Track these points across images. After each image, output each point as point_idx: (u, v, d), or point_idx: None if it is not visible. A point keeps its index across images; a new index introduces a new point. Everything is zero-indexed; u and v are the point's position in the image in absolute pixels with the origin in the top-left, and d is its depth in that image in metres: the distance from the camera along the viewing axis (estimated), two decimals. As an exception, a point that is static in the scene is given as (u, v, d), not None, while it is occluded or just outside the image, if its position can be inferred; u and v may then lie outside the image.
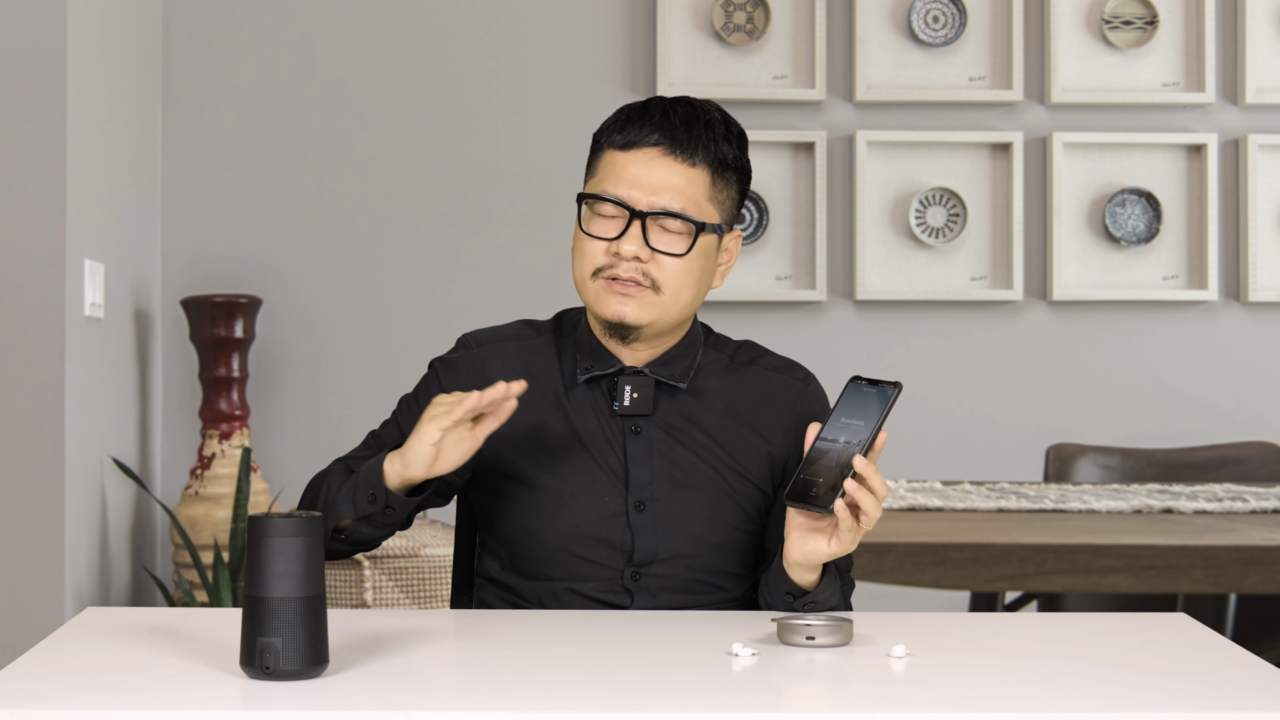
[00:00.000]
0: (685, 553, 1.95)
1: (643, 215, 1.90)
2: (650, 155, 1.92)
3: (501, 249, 4.27)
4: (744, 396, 2.01)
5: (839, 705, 1.50)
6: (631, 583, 1.94)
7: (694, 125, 1.93)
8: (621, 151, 1.93)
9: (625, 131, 1.93)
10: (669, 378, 1.97)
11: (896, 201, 4.31)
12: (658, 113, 1.93)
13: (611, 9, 4.30)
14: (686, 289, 1.93)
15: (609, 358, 1.98)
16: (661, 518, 1.94)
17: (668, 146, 1.91)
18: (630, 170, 1.92)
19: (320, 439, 4.22)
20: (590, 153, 1.99)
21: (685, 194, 1.91)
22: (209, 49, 4.23)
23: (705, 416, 1.98)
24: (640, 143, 1.92)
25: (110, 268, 3.70)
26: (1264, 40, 4.34)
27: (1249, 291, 4.30)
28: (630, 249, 1.89)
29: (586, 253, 1.93)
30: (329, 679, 1.49)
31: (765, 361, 2.04)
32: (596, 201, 1.93)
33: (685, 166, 1.92)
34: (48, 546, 3.36)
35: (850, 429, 1.76)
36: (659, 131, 1.92)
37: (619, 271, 1.91)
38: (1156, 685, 1.52)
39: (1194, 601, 3.49)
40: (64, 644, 1.65)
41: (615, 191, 1.91)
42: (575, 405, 1.97)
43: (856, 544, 1.81)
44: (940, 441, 4.28)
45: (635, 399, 1.96)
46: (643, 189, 1.91)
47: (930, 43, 4.30)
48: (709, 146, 1.93)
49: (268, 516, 1.49)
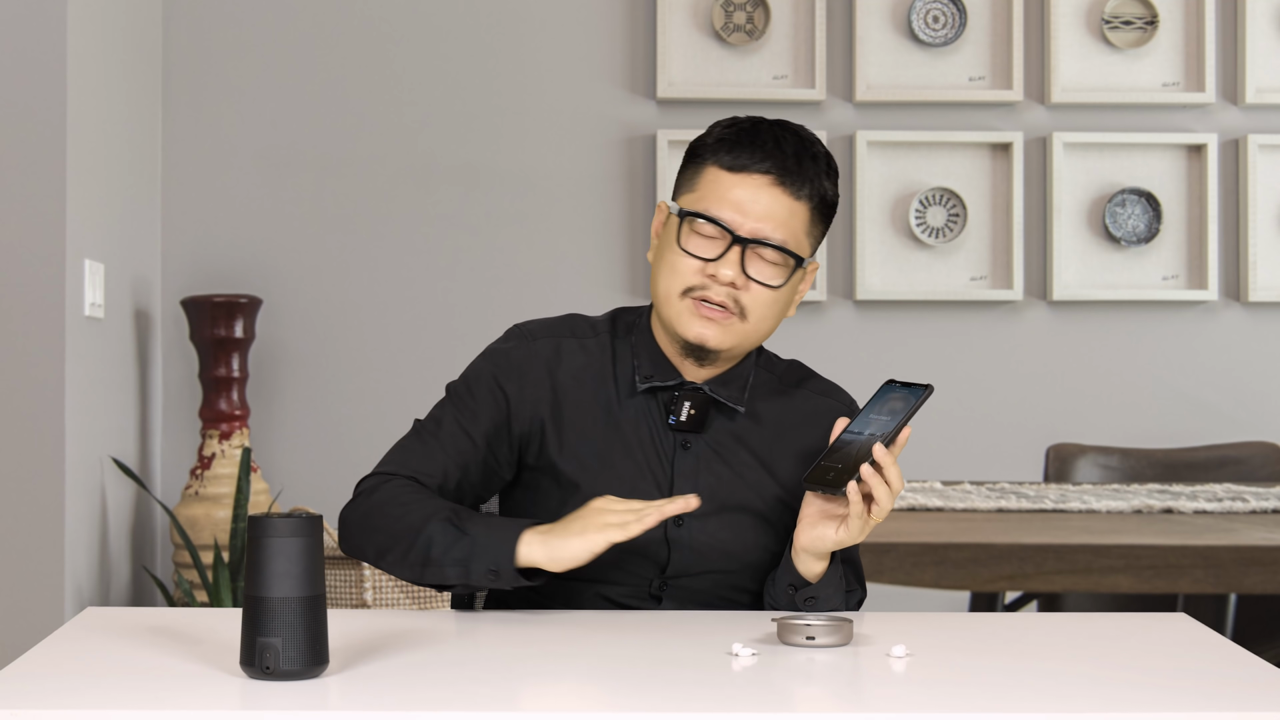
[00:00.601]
0: (717, 569, 1.95)
1: (745, 242, 1.88)
2: (759, 183, 1.89)
3: (501, 249, 4.27)
4: (793, 420, 2.00)
5: (839, 705, 1.50)
6: (659, 590, 1.94)
7: (804, 159, 1.91)
8: (729, 173, 1.90)
9: (735, 154, 1.90)
10: (727, 398, 1.96)
11: (896, 201, 4.31)
12: (769, 140, 1.90)
13: (611, 9, 4.30)
14: (769, 319, 1.93)
15: (670, 369, 1.96)
16: (698, 535, 1.93)
17: (778, 176, 1.89)
18: (736, 193, 1.89)
19: (320, 439, 4.22)
20: (687, 162, 1.95)
21: (788, 226, 1.90)
22: (209, 49, 4.23)
23: (755, 439, 1.97)
24: (751, 168, 1.89)
25: (110, 268, 3.70)
26: (1264, 40, 4.34)
27: (1249, 291, 4.30)
28: (728, 274, 1.88)
29: (679, 269, 1.90)
30: (329, 679, 1.49)
31: (813, 385, 2.04)
32: (694, 219, 1.90)
33: (790, 199, 1.90)
34: (48, 546, 3.36)
35: (876, 423, 1.81)
36: (771, 160, 1.89)
37: (710, 294, 1.89)
38: (1156, 685, 1.52)
39: (1194, 601, 3.49)
40: (64, 644, 1.65)
41: (719, 213, 1.89)
42: (629, 413, 1.96)
43: (864, 535, 1.82)
44: (940, 441, 4.28)
45: (692, 415, 1.94)
46: (747, 215, 1.88)
47: (930, 43, 4.30)
48: (815, 181, 1.91)
49: (268, 516, 1.49)
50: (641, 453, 1.94)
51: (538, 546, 1.78)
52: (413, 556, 1.82)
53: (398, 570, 1.85)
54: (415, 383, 4.22)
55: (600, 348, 1.99)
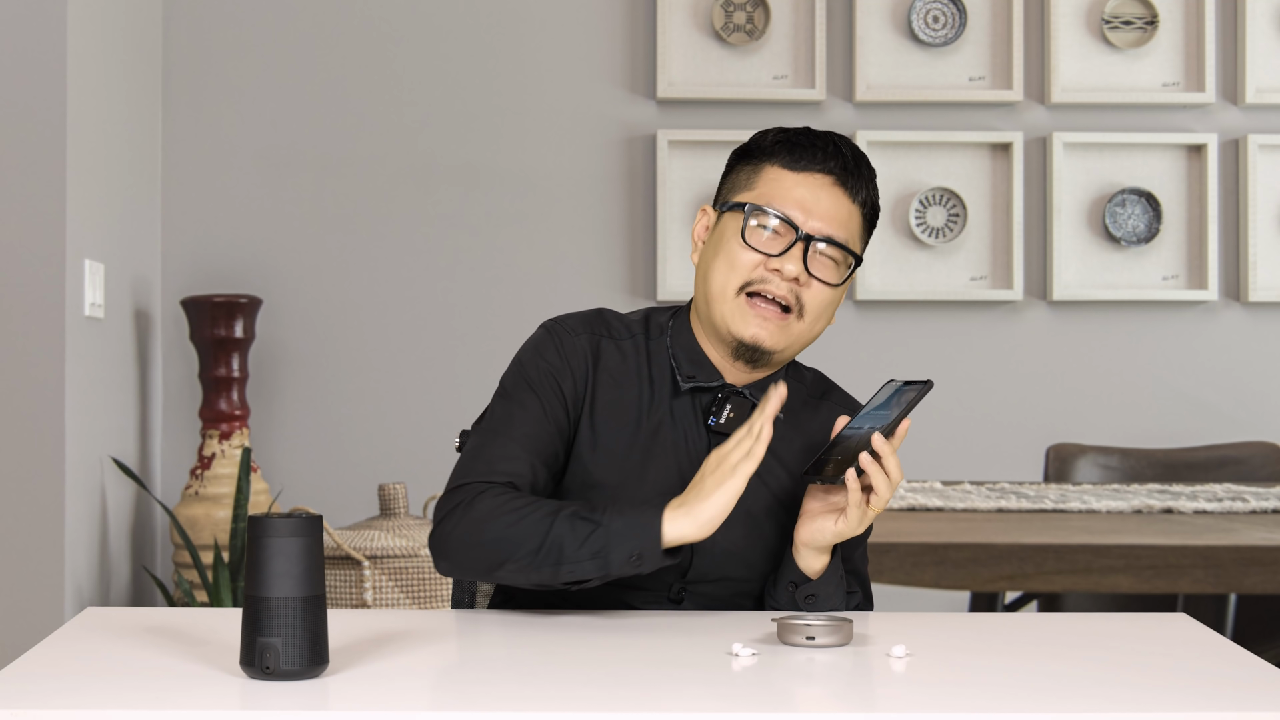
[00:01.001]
0: (735, 576, 1.95)
1: (809, 238, 1.90)
2: (822, 182, 1.92)
3: (501, 249, 4.27)
4: (819, 432, 2.00)
5: (839, 705, 1.50)
6: (680, 595, 1.94)
7: (861, 164, 1.95)
8: (791, 172, 1.92)
9: (796, 154, 1.92)
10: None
11: (896, 201, 4.31)
12: (829, 143, 1.93)
13: (611, 9, 4.30)
14: (823, 319, 1.94)
15: (712, 371, 1.96)
16: (721, 541, 1.91)
17: (839, 178, 1.92)
18: (799, 192, 1.91)
19: (320, 439, 4.22)
20: (741, 163, 1.97)
21: (847, 227, 1.92)
22: (209, 49, 4.23)
23: (785, 449, 1.97)
24: (813, 168, 1.92)
25: (110, 268, 3.70)
26: (1264, 40, 4.34)
27: (1249, 291, 4.30)
28: (791, 269, 1.89)
29: (739, 264, 1.91)
30: (329, 679, 1.49)
31: (836, 397, 2.05)
32: (759, 214, 1.91)
33: (849, 201, 1.93)
34: (48, 546, 3.36)
35: (876, 417, 1.82)
36: (834, 161, 1.92)
37: (770, 288, 1.89)
38: (1156, 685, 1.52)
39: (1194, 601, 3.49)
40: (64, 644, 1.65)
41: (784, 209, 1.91)
42: (663, 414, 1.95)
43: (864, 526, 1.82)
44: (940, 441, 4.28)
45: (731, 418, 1.94)
46: (810, 213, 1.90)
47: (930, 43, 4.30)
48: (869, 187, 1.95)
49: (268, 517, 1.49)
50: (674, 455, 1.94)
51: (683, 519, 1.75)
52: (543, 559, 1.76)
53: (524, 576, 1.79)
54: (415, 383, 4.22)
55: (636, 349, 1.98)
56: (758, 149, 1.96)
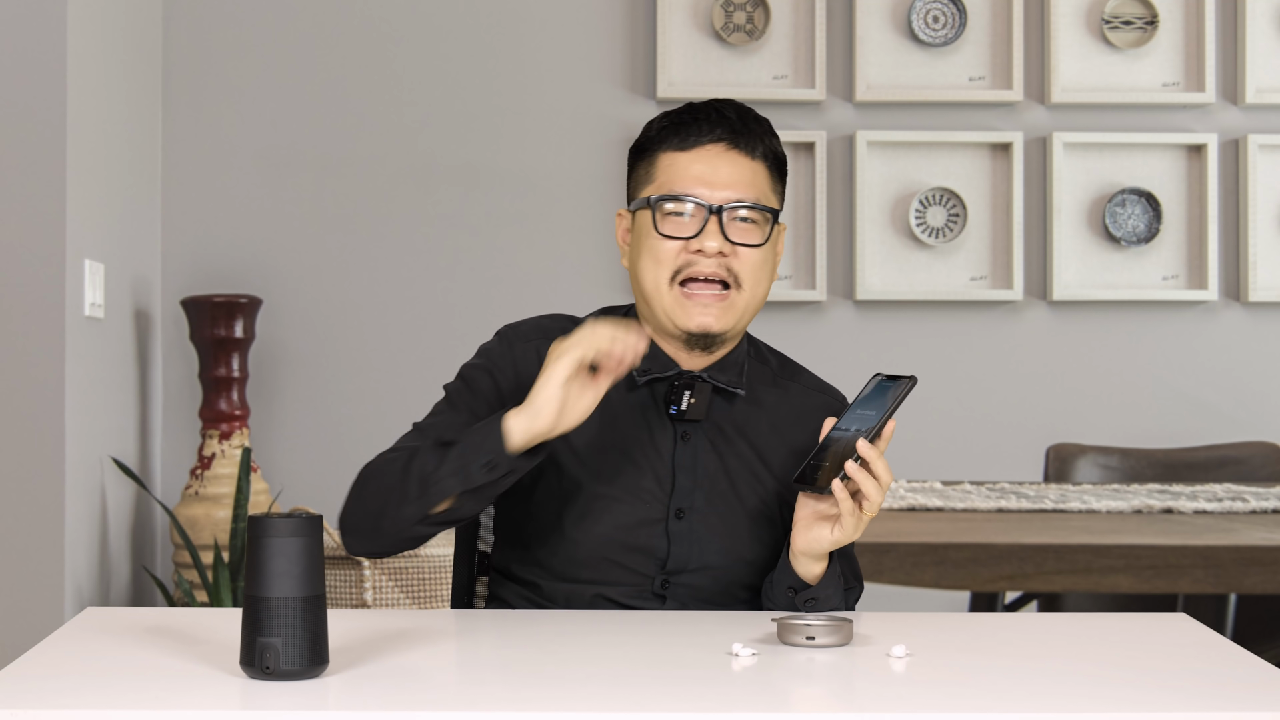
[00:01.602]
0: (715, 565, 1.94)
1: (719, 209, 1.90)
2: (715, 151, 1.93)
3: (501, 249, 4.27)
4: (788, 414, 2.00)
5: (839, 705, 1.50)
6: (662, 589, 1.94)
7: (748, 119, 1.95)
8: (683, 152, 1.93)
9: (683, 132, 1.93)
10: (727, 384, 1.97)
11: (896, 201, 4.31)
12: (711, 112, 1.94)
13: (611, 9, 4.30)
14: (763, 281, 1.94)
15: (666, 360, 1.96)
16: (698, 527, 1.93)
17: (730, 141, 1.93)
18: (696, 168, 1.92)
19: (320, 439, 4.22)
20: (637, 161, 1.98)
21: (754, 185, 1.93)
22: (209, 49, 4.23)
23: (754, 429, 1.98)
24: (702, 140, 1.93)
25: (110, 268, 3.70)
26: (1264, 40, 4.34)
27: (1249, 291, 4.30)
28: (713, 245, 1.89)
29: (662, 255, 1.92)
30: (329, 679, 1.49)
31: (805, 380, 2.05)
32: (664, 203, 1.92)
33: (748, 159, 1.93)
34: (48, 546, 3.36)
35: (862, 419, 1.80)
36: (720, 127, 1.93)
37: (700, 269, 1.90)
38: (1156, 685, 1.52)
39: (1194, 601, 3.49)
40: (64, 644, 1.65)
41: (687, 189, 1.91)
42: (625, 408, 1.96)
43: (860, 532, 1.82)
44: (940, 441, 4.28)
45: (693, 404, 1.95)
46: (712, 185, 1.91)
47: (930, 43, 4.30)
48: (765, 140, 1.95)
49: (268, 516, 1.49)
50: (640, 447, 1.94)
51: (519, 413, 1.77)
52: (410, 491, 1.80)
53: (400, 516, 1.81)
54: (415, 383, 4.22)
55: None
56: (648, 140, 1.97)
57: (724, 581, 1.95)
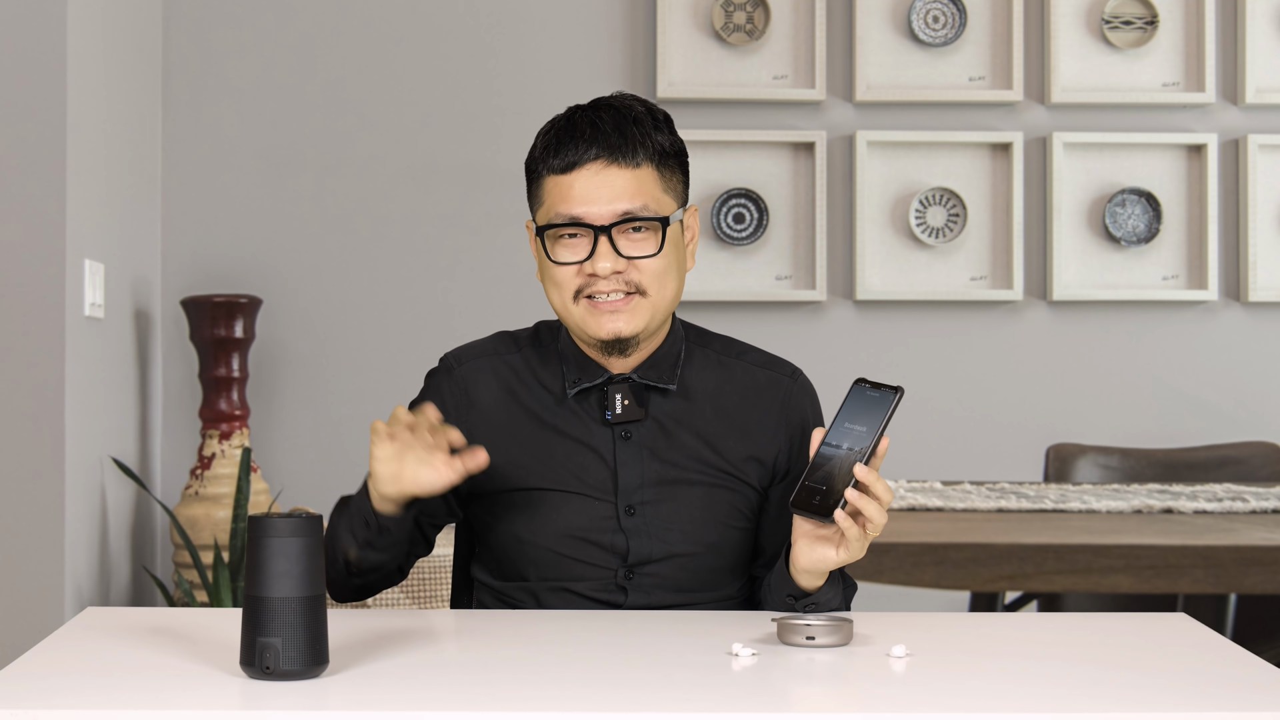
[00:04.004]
0: (681, 552, 1.95)
1: (606, 229, 1.90)
2: (593, 170, 1.91)
3: (501, 249, 4.27)
4: (732, 394, 2.01)
5: (839, 705, 1.50)
6: (626, 581, 1.94)
7: (625, 127, 1.92)
8: (563, 175, 1.92)
9: (561, 154, 1.92)
10: (657, 380, 1.98)
11: (896, 201, 4.31)
12: (586, 126, 1.92)
13: (611, 9, 4.30)
14: (670, 283, 1.94)
15: (596, 368, 1.98)
16: (653, 520, 1.95)
17: (609, 157, 1.91)
18: (575, 189, 1.91)
19: (320, 439, 4.22)
20: (529, 183, 1.98)
21: (639, 194, 1.91)
22: (209, 49, 4.23)
23: (695, 416, 1.99)
24: (580, 161, 1.91)
25: (110, 268, 3.70)
26: (1264, 40, 4.34)
27: (1249, 291, 4.30)
28: (606, 265, 1.89)
29: (560, 280, 1.92)
30: (329, 679, 1.49)
31: (751, 358, 2.05)
32: (549, 230, 1.92)
33: (630, 170, 1.91)
34: (48, 546, 3.36)
35: (853, 434, 1.75)
36: (595, 144, 1.91)
37: (599, 288, 1.91)
38: (1156, 685, 1.52)
39: (1194, 601, 3.49)
40: (64, 644, 1.65)
41: (571, 213, 1.90)
42: (564, 418, 1.97)
43: (865, 550, 1.80)
44: (940, 441, 4.28)
45: (627, 406, 1.96)
46: (597, 203, 1.90)
47: (930, 43, 4.30)
48: (645, 143, 1.92)
49: (268, 516, 1.49)
50: (581, 454, 1.96)
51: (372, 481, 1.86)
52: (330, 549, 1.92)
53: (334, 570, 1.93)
54: (415, 383, 4.20)
55: (525, 361, 2.01)
56: (533, 161, 1.97)
57: (696, 568, 1.96)
